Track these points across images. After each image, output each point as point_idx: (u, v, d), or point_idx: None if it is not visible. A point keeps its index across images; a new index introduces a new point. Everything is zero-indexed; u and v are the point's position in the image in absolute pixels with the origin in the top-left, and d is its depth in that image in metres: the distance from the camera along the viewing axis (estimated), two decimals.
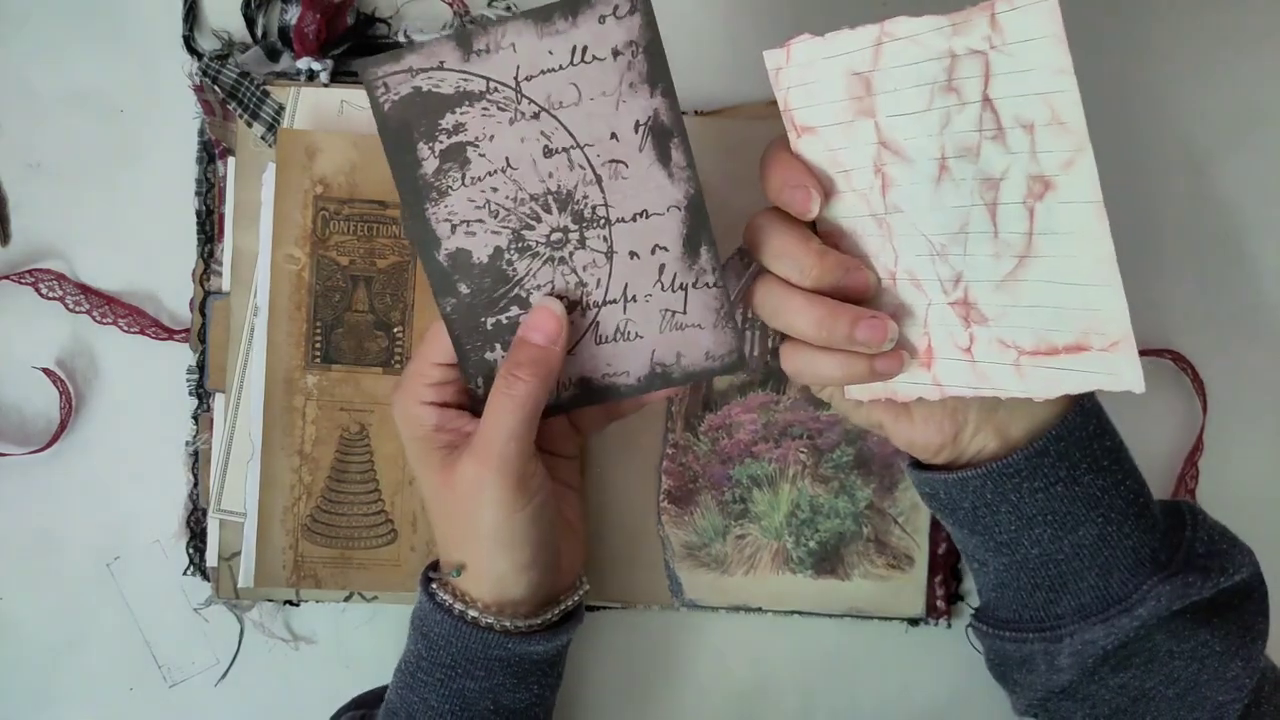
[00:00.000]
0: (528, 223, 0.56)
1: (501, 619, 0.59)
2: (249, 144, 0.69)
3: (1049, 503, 0.57)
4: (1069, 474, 0.57)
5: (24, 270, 0.70)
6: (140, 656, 0.72)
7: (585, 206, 0.56)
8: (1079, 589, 0.58)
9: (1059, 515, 0.57)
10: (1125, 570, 0.57)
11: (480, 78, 0.53)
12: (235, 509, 0.69)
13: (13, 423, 0.72)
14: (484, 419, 0.57)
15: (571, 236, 0.56)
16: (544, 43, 0.53)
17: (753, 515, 0.72)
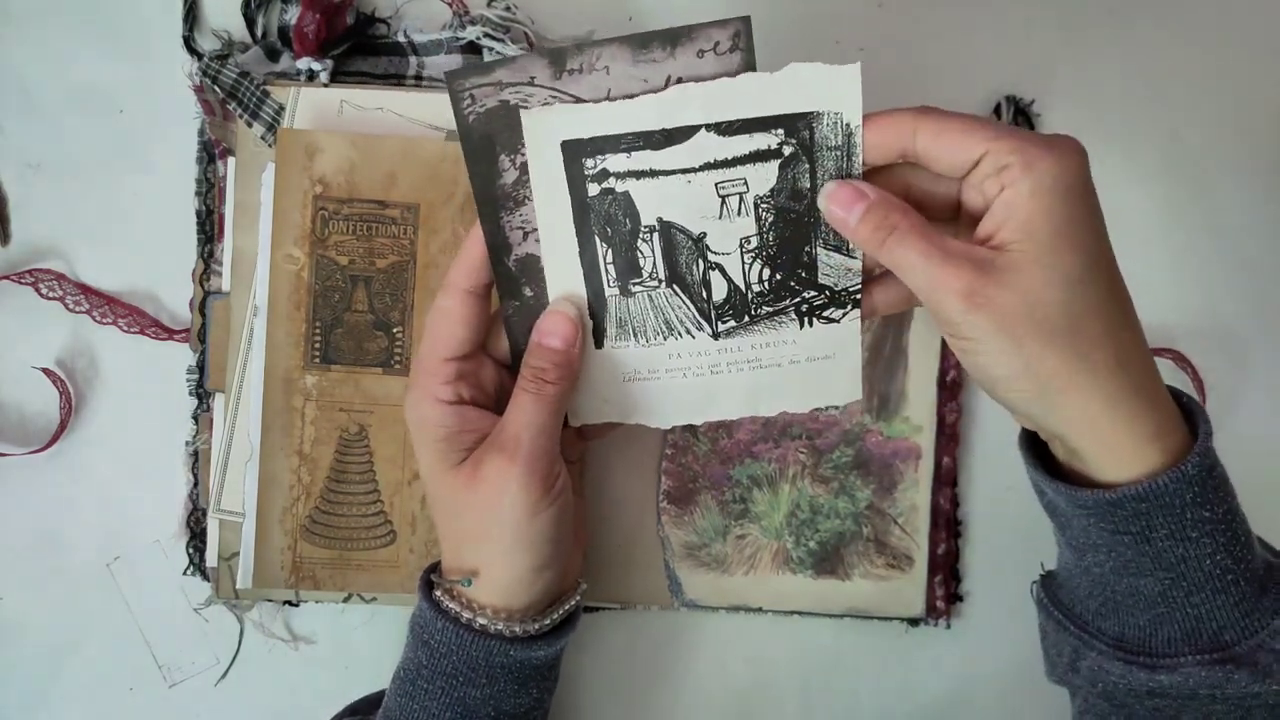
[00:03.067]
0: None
1: (510, 624, 0.59)
2: (249, 144, 0.69)
3: (1115, 545, 0.54)
4: (1142, 532, 0.52)
5: (24, 270, 0.70)
6: (140, 656, 0.72)
7: None
8: (1125, 622, 0.55)
9: (1123, 559, 0.54)
10: (1178, 634, 0.54)
11: (570, 96, 0.52)
12: (235, 509, 0.69)
13: (13, 423, 0.72)
14: (511, 418, 0.58)
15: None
16: (638, 69, 0.52)
17: (753, 515, 0.72)
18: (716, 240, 0.57)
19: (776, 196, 0.57)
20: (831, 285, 0.59)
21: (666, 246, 0.58)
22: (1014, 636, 0.74)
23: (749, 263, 0.58)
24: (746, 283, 0.59)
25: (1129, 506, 0.52)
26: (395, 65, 0.70)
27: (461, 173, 0.66)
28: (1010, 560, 0.74)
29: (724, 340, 0.60)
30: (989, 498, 0.73)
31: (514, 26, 0.70)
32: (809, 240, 0.58)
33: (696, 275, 0.59)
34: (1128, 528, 0.52)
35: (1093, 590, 0.56)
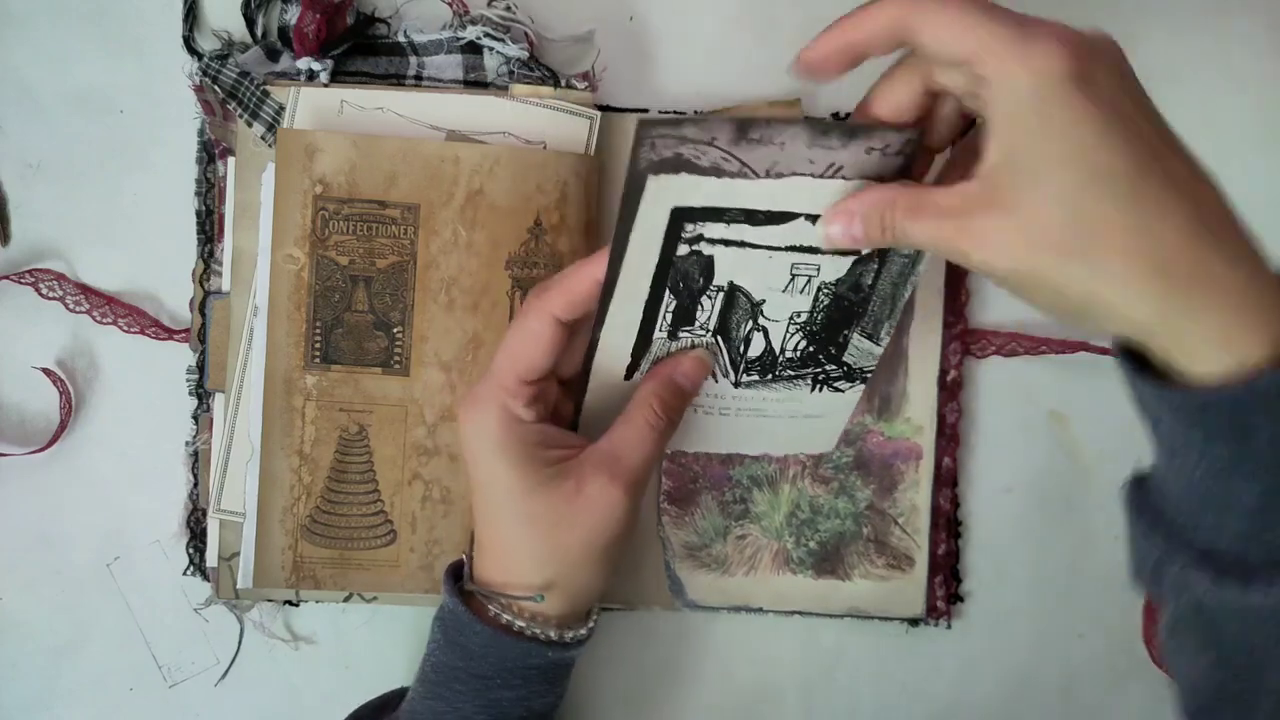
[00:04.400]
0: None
1: (564, 631, 0.60)
2: (249, 144, 0.69)
3: (1208, 449, 0.47)
4: (1239, 435, 0.46)
5: (24, 270, 0.70)
6: (140, 656, 0.72)
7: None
8: (1219, 533, 0.48)
9: (1218, 463, 0.47)
10: (1278, 550, 0.47)
11: (738, 161, 0.53)
12: (235, 509, 0.69)
13: (12, 423, 0.72)
14: (625, 444, 0.60)
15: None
16: (810, 152, 0.52)
17: (753, 516, 0.72)
18: (772, 308, 0.61)
19: (839, 286, 0.60)
20: (851, 364, 0.64)
21: (726, 305, 0.60)
22: (1014, 636, 0.74)
23: (791, 333, 0.62)
24: (781, 348, 0.63)
25: (1223, 408, 0.45)
26: (395, 65, 0.70)
27: (462, 173, 0.66)
28: (1011, 560, 0.74)
29: (741, 389, 0.65)
30: (989, 498, 0.74)
31: (514, 26, 0.70)
32: (850, 325, 0.62)
33: (741, 333, 0.62)
34: (1221, 431, 0.46)
35: (1185, 494, 0.49)
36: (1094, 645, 0.74)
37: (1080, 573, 0.74)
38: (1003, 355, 0.72)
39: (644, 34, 0.72)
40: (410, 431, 0.67)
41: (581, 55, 0.72)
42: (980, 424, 0.74)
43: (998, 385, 0.73)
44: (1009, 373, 0.73)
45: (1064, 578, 0.74)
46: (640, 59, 0.72)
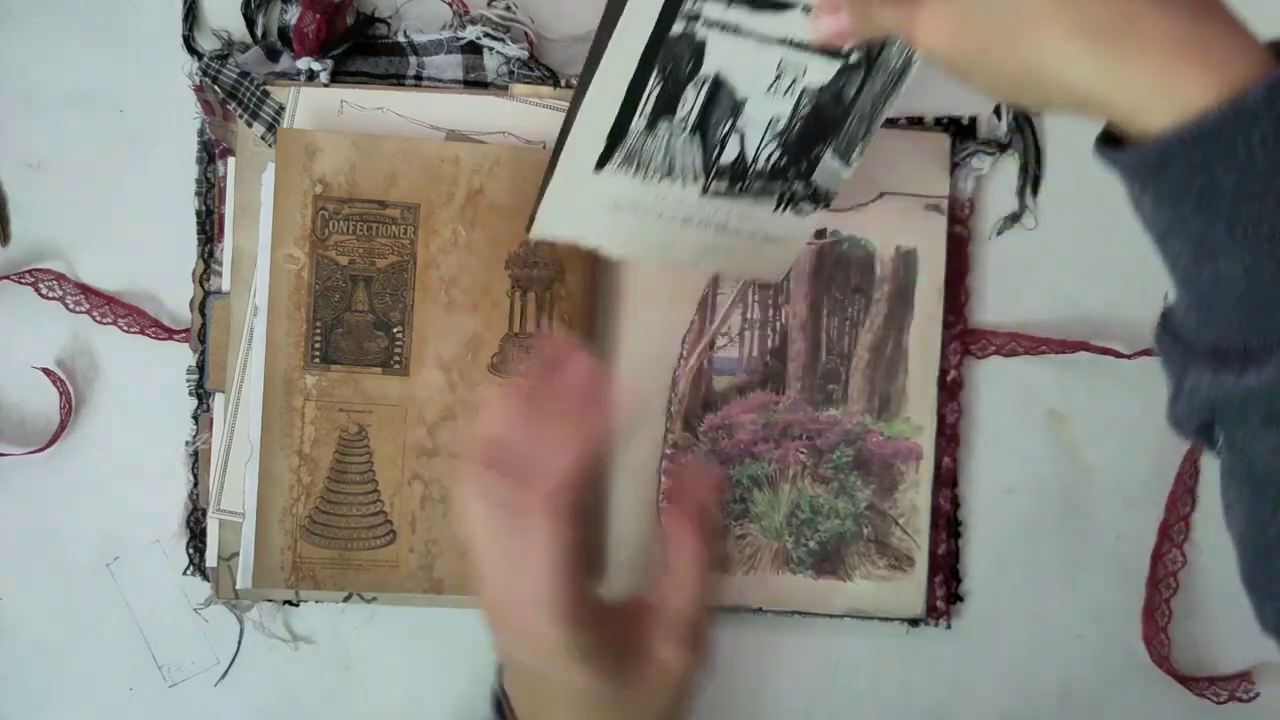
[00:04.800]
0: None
1: None
2: (249, 144, 0.69)
3: (1182, 221, 0.45)
4: (1204, 193, 0.43)
5: (24, 270, 0.70)
6: (140, 656, 0.72)
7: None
8: (1212, 320, 0.46)
9: (1196, 238, 0.44)
10: (1274, 325, 0.44)
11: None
12: (235, 509, 0.69)
13: (13, 423, 0.72)
14: (696, 612, 0.57)
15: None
16: None
17: (753, 515, 0.72)
18: (752, 110, 0.60)
19: (822, 94, 0.60)
20: (819, 184, 0.64)
21: (709, 100, 0.60)
22: (1014, 636, 0.74)
23: (766, 141, 0.62)
24: (755, 157, 0.63)
25: (1179, 158, 0.43)
26: (395, 65, 0.70)
27: (461, 173, 0.66)
28: (1010, 561, 0.74)
29: (708, 198, 0.64)
30: (989, 498, 0.73)
31: (514, 26, 0.70)
32: (825, 141, 0.62)
33: (719, 134, 0.61)
34: (1187, 190, 0.43)
35: (1185, 296, 0.47)
36: (1093, 645, 0.74)
37: (1079, 573, 0.74)
38: (1003, 355, 0.72)
39: None
40: (410, 431, 0.67)
41: (581, 55, 0.72)
42: (980, 424, 0.74)
43: (997, 385, 0.73)
44: (1009, 373, 0.73)
45: (1063, 578, 0.74)
46: None
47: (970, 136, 0.73)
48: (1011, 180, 0.73)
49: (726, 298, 0.71)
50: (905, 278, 0.72)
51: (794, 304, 0.72)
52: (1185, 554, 0.73)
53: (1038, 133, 0.73)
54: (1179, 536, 0.73)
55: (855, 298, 0.72)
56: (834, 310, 0.72)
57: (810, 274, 0.72)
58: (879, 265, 0.72)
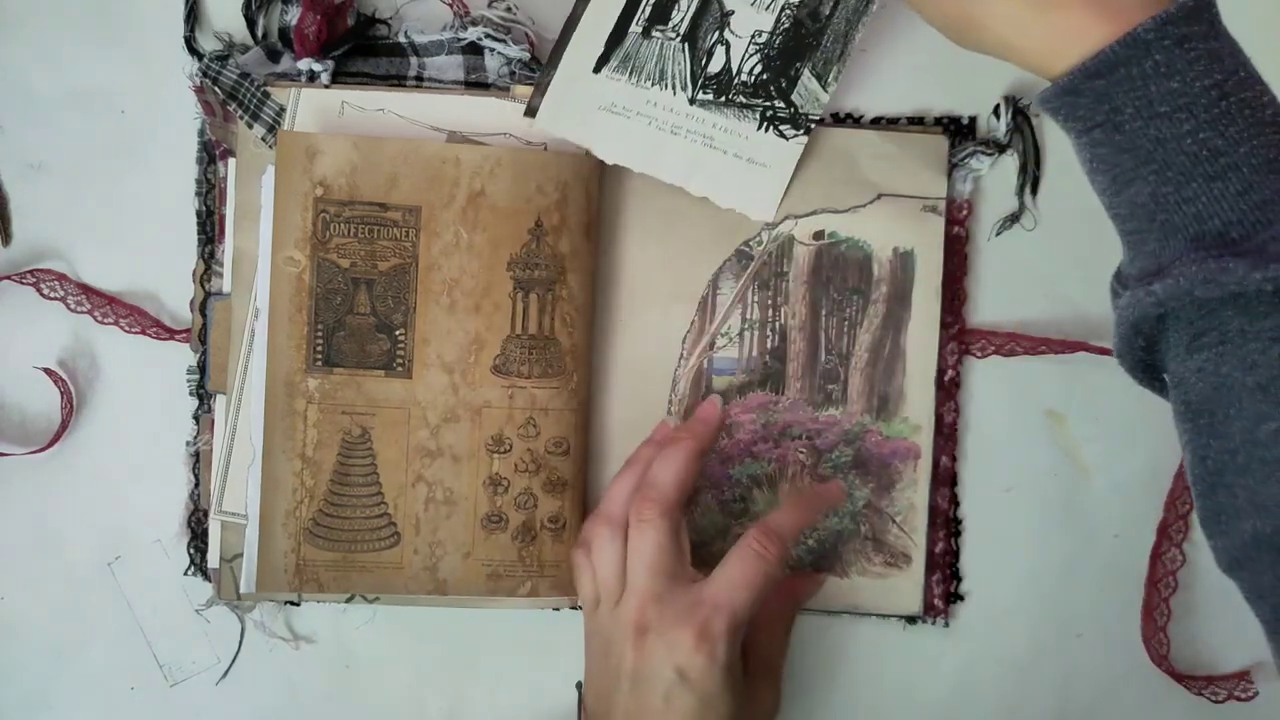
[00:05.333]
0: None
1: None
2: (249, 145, 0.69)
3: (1093, 149, 0.51)
4: (1109, 120, 0.50)
5: (25, 270, 0.70)
6: (141, 656, 0.72)
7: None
8: (1140, 253, 0.51)
9: (1108, 166, 0.51)
10: (1183, 240, 0.49)
11: None
12: (236, 510, 0.69)
13: (14, 422, 0.72)
14: (773, 645, 0.69)
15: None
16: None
17: (753, 514, 0.72)
18: (738, 22, 0.69)
19: (800, 9, 0.69)
20: (799, 106, 0.70)
21: (699, 9, 0.69)
22: (1012, 636, 0.74)
23: (750, 53, 0.70)
24: (739, 69, 0.70)
25: (1085, 90, 0.50)
26: (396, 66, 0.70)
27: (463, 175, 0.66)
28: (1009, 560, 0.74)
29: (695, 108, 0.70)
30: (987, 498, 0.74)
31: (515, 27, 0.70)
32: (802, 60, 0.70)
33: (707, 43, 0.69)
34: (1094, 118, 0.50)
35: (1123, 240, 0.52)
36: (1092, 645, 0.74)
37: (1078, 572, 0.74)
38: (1002, 355, 0.73)
39: None
40: (413, 434, 0.67)
41: None
42: (979, 424, 0.74)
43: (995, 385, 0.74)
44: (1006, 372, 0.73)
45: (1062, 577, 0.74)
46: None
47: (969, 137, 0.73)
48: (1010, 181, 0.73)
49: (726, 298, 0.72)
50: (903, 279, 0.72)
51: (793, 304, 0.72)
52: (1184, 553, 0.73)
53: (1037, 133, 0.73)
54: (1178, 535, 0.73)
55: (853, 298, 0.72)
56: (833, 311, 0.72)
57: (809, 275, 0.72)
58: (876, 266, 0.72)
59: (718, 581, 0.63)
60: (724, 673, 0.62)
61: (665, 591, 0.63)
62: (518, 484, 0.68)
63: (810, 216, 0.72)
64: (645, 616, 0.63)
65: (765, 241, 0.72)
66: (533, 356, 0.67)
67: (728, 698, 0.62)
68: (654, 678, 0.62)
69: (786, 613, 0.71)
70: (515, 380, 0.67)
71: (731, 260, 0.72)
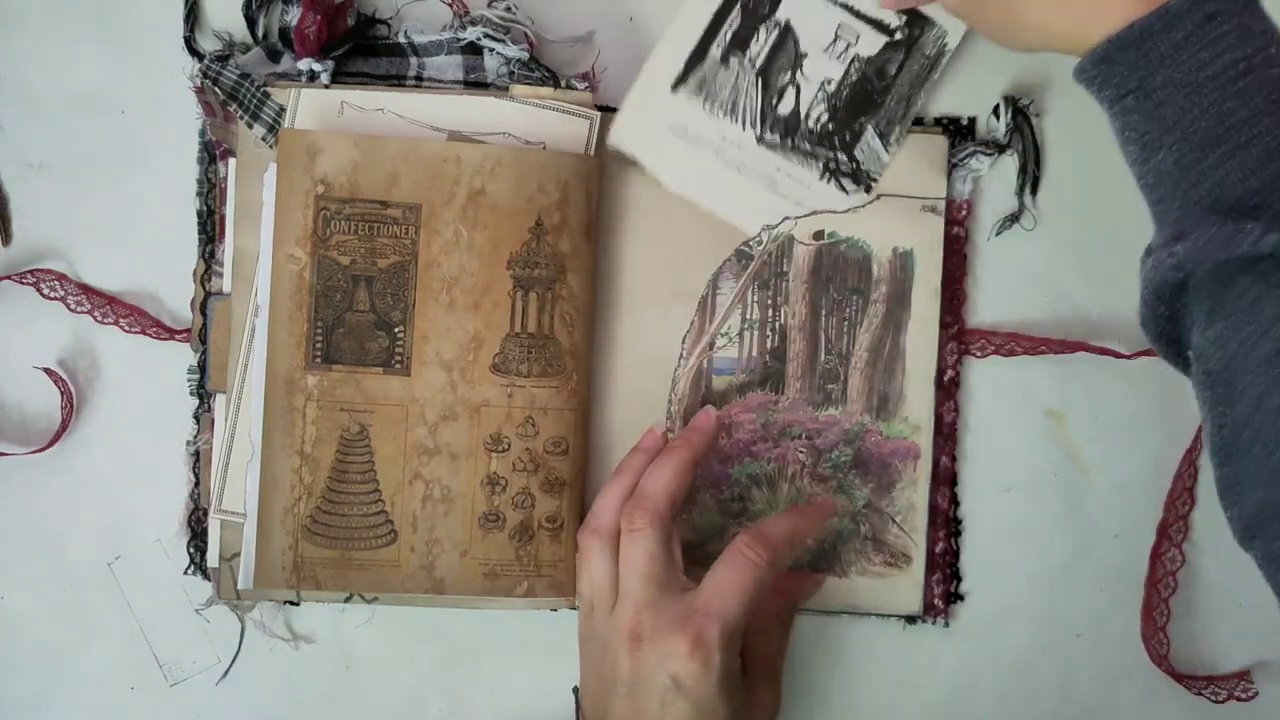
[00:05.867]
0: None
1: None
2: (250, 145, 0.69)
3: (1124, 116, 0.54)
4: (1141, 87, 0.52)
5: (25, 270, 0.71)
6: (141, 655, 0.72)
7: None
8: (1165, 222, 0.54)
9: (1138, 132, 0.54)
10: (1204, 209, 0.51)
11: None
12: (236, 510, 0.69)
13: (14, 422, 0.72)
14: (774, 652, 0.69)
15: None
16: None
17: (752, 514, 0.72)
18: (810, 66, 0.71)
19: (868, 65, 0.71)
20: (860, 161, 0.71)
21: (777, 44, 0.71)
22: (1012, 635, 0.74)
23: (818, 100, 0.71)
24: (807, 113, 0.71)
25: (1118, 59, 0.53)
26: (396, 66, 0.71)
27: (463, 173, 0.66)
28: (1009, 559, 0.74)
29: (762, 148, 0.71)
30: (987, 498, 0.74)
31: (514, 27, 0.70)
32: (866, 115, 0.71)
33: (780, 82, 0.71)
34: (1126, 85, 0.53)
35: (1151, 209, 0.55)
36: (1092, 645, 0.74)
37: (1078, 572, 0.74)
38: (1002, 355, 0.73)
39: (644, 34, 0.72)
40: (411, 431, 0.67)
41: (581, 56, 0.72)
42: (979, 423, 0.74)
43: (995, 385, 0.74)
44: (1006, 372, 0.73)
45: (1062, 577, 0.74)
46: (640, 59, 0.72)
47: (969, 137, 0.73)
48: (1009, 181, 0.73)
49: (726, 298, 0.72)
50: (902, 279, 0.72)
51: (793, 304, 0.72)
52: (1184, 553, 0.73)
53: (1037, 133, 0.73)
54: (1178, 536, 0.73)
55: (853, 298, 0.72)
56: (832, 311, 0.72)
57: (808, 275, 0.72)
58: (876, 266, 0.72)
59: (708, 589, 0.63)
60: (719, 679, 0.62)
61: (658, 599, 0.63)
62: (516, 483, 0.68)
63: (810, 216, 0.72)
64: (639, 624, 0.63)
65: (765, 241, 0.72)
66: (532, 355, 0.67)
67: (724, 703, 0.62)
68: (649, 685, 0.62)
69: (785, 613, 0.70)
70: (514, 379, 0.67)
71: (731, 260, 0.72)
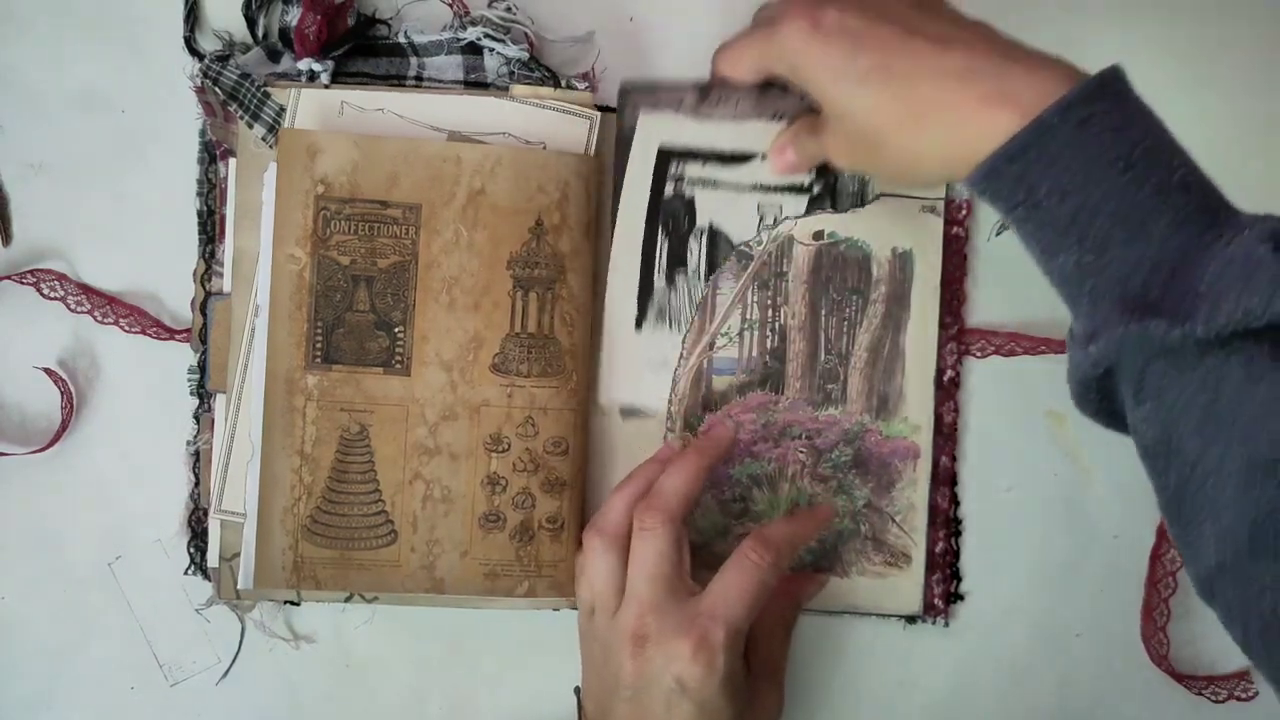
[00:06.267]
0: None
1: None
2: (250, 145, 0.69)
3: (1020, 225, 0.55)
4: (1029, 197, 0.53)
5: (25, 270, 0.70)
6: (141, 655, 0.72)
7: None
8: (1078, 314, 0.55)
9: (1036, 239, 0.54)
10: (1110, 302, 0.52)
11: (705, 115, 0.72)
12: (236, 510, 0.69)
13: (14, 422, 0.72)
14: (776, 658, 0.69)
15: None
16: (759, 105, 0.72)
17: (753, 514, 0.72)
18: (755, 249, 0.72)
19: (802, 222, 0.72)
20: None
21: (710, 247, 0.72)
22: (1012, 635, 0.74)
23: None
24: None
25: (1004, 172, 0.53)
26: (396, 66, 0.71)
27: (463, 173, 0.66)
28: (1009, 559, 0.74)
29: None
30: (987, 497, 0.74)
31: (514, 27, 0.70)
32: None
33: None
34: (1015, 198, 0.53)
35: (1064, 302, 0.56)
36: (1092, 645, 0.74)
37: (1078, 572, 0.74)
38: (1002, 355, 0.73)
39: (644, 34, 0.72)
40: (411, 431, 0.67)
41: (581, 56, 0.72)
42: (978, 424, 0.74)
43: (996, 385, 0.74)
44: (1006, 372, 0.73)
45: (1062, 577, 0.74)
46: (640, 59, 0.72)
47: None
48: None
49: (726, 298, 0.72)
50: (902, 279, 0.72)
51: (793, 304, 0.72)
52: None
53: None
54: None
55: (853, 298, 0.72)
56: (832, 311, 0.72)
57: (808, 275, 0.72)
58: (875, 267, 0.72)
59: (715, 592, 0.64)
60: (723, 682, 0.62)
61: (664, 601, 0.64)
62: (516, 483, 0.68)
63: (809, 216, 0.72)
64: (644, 626, 0.63)
65: (765, 242, 0.72)
66: (532, 355, 0.67)
67: (728, 705, 0.62)
68: (653, 687, 0.62)
69: (788, 615, 0.71)
70: (514, 379, 0.67)
71: (731, 260, 0.72)
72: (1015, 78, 0.54)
